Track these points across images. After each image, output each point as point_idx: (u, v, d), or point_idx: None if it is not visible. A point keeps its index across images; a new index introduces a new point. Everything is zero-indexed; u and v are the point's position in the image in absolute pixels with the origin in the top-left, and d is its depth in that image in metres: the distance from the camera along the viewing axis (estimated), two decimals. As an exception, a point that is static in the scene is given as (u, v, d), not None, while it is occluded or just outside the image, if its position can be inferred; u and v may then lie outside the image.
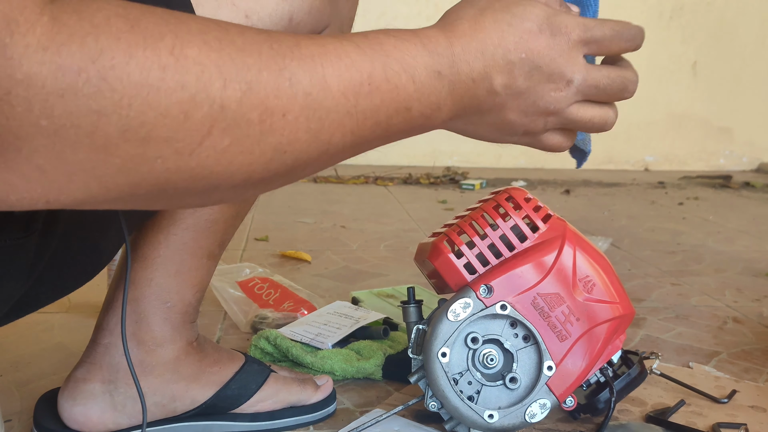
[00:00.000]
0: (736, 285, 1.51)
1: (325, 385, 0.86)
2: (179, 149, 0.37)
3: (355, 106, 0.44)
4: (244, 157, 0.40)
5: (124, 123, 0.35)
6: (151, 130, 0.36)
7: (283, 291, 1.24)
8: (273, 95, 0.40)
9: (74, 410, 0.74)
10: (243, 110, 0.38)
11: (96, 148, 0.35)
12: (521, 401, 0.73)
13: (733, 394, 0.92)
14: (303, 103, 0.41)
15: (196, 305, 0.78)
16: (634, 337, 1.16)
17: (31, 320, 1.09)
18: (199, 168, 0.39)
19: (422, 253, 0.79)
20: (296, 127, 0.41)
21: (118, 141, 0.35)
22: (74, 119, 0.34)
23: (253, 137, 0.40)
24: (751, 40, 3.80)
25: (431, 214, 2.29)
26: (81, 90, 0.33)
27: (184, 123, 0.36)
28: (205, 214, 0.73)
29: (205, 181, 0.40)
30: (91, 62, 0.33)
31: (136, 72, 0.34)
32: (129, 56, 0.34)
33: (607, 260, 0.76)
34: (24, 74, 0.32)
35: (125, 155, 0.36)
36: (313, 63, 0.42)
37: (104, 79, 0.34)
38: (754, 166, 3.91)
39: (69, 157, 0.35)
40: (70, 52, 0.33)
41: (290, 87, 0.40)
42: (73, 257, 0.62)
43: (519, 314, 0.72)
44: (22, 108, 0.33)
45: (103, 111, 0.34)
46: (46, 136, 0.34)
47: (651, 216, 2.37)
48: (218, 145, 0.38)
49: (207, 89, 0.37)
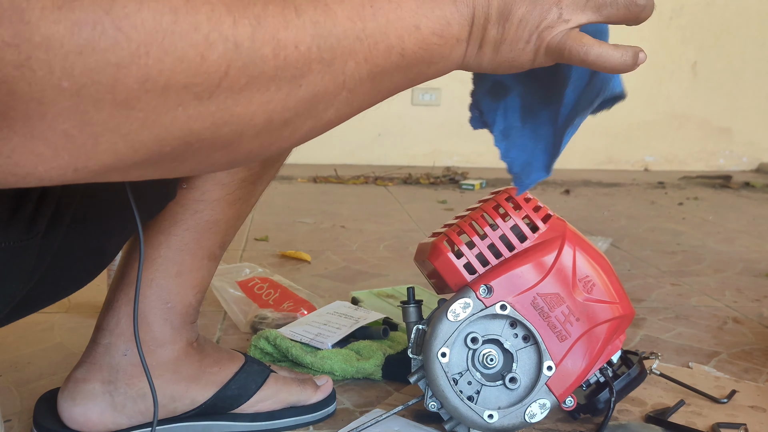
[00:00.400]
0: (736, 285, 1.51)
1: (324, 385, 0.86)
2: (198, 93, 0.37)
3: (363, 29, 0.44)
4: (262, 94, 0.40)
5: (143, 73, 0.35)
6: (170, 78, 0.36)
7: (282, 291, 1.24)
8: (282, 27, 0.40)
9: (74, 410, 0.74)
10: (256, 45, 0.38)
11: (118, 103, 0.35)
12: (521, 401, 0.73)
13: (732, 394, 0.92)
14: (312, 32, 0.41)
15: (196, 306, 0.78)
16: (634, 337, 1.16)
17: (31, 320, 1.09)
18: (220, 112, 0.39)
19: (422, 253, 0.79)
20: (309, 57, 0.41)
21: (139, 93, 0.35)
22: (95, 75, 0.34)
23: (269, 73, 0.39)
24: (751, 40, 3.81)
25: (431, 214, 2.29)
26: (98, 44, 0.33)
27: (201, 65, 0.36)
28: (206, 214, 0.74)
29: (227, 128, 0.40)
30: (104, 13, 0.33)
31: (149, 18, 0.34)
32: (140, 3, 0.34)
33: (606, 260, 0.76)
34: (42, 36, 0.32)
35: (147, 107, 0.36)
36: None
37: (119, 29, 0.34)
38: (754, 166, 3.91)
39: (93, 117, 0.35)
40: (83, 6, 0.33)
41: (297, 17, 0.40)
42: (75, 258, 0.62)
43: (519, 314, 0.72)
44: (44, 71, 0.32)
45: (122, 63, 0.34)
46: (68, 97, 0.33)
47: (651, 216, 2.37)
48: (236, 84, 0.38)
49: (219, 28, 0.37)
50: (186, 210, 0.73)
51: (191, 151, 0.40)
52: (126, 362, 0.75)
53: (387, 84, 0.47)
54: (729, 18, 3.77)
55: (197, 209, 0.73)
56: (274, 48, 0.39)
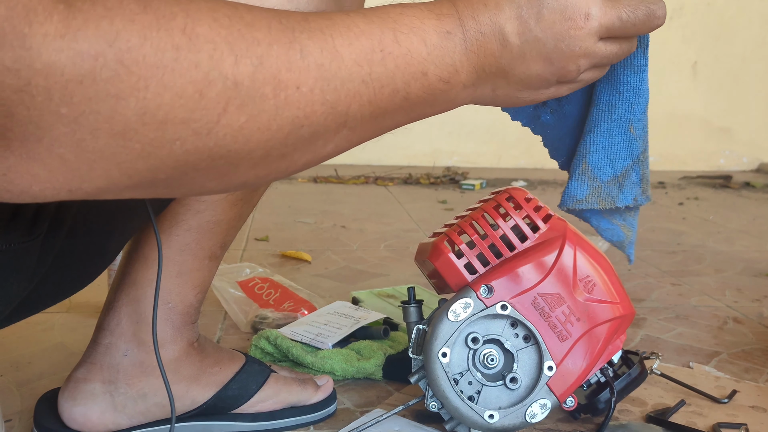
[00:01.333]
0: (736, 285, 1.51)
1: (325, 385, 0.86)
2: (197, 129, 0.37)
3: (369, 74, 0.43)
4: (262, 133, 0.40)
5: (141, 106, 0.35)
6: (169, 112, 0.36)
7: (283, 291, 1.24)
8: (285, 68, 0.40)
9: (74, 410, 0.74)
10: (256, 85, 0.38)
11: (115, 133, 0.35)
12: (522, 401, 0.73)
13: (733, 394, 0.92)
14: (316, 74, 0.41)
15: (197, 306, 0.78)
16: (635, 337, 1.16)
17: (31, 320, 1.09)
18: (218, 147, 0.39)
19: (422, 253, 0.79)
20: (311, 99, 0.41)
21: (136, 125, 0.35)
22: (93, 105, 0.34)
23: (269, 112, 0.39)
24: (751, 40, 3.81)
25: (431, 214, 2.29)
26: (99, 75, 0.33)
27: (199, 102, 0.37)
28: (207, 215, 0.74)
29: (223, 160, 0.40)
30: (107, 46, 0.33)
31: (151, 53, 0.35)
32: (143, 38, 0.34)
33: (607, 260, 0.76)
34: (43, 63, 0.32)
35: (144, 139, 0.36)
36: (323, 35, 0.42)
37: (121, 62, 0.34)
38: (754, 166, 3.91)
39: (89, 145, 0.35)
40: (86, 37, 0.33)
41: (302, 59, 0.40)
42: (76, 260, 0.62)
43: (519, 314, 0.72)
44: (42, 97, 0.33)
45: (121, 95, 0.34)
46: (66, 124, 0.34)
47: (651, 216, 2.36)
48: (235, 122, 0.38)
49: (219, 66, 0.37)
50: (187, 210, 0.73)
51: (186, 179, 0.40)
52: (127, 362, 0.75)
53: (389, 123, 0.47)
54: (729, 18, 3.77)
55: (198, 209, 0.73)
56: (275, 88, 0.39)
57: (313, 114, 0.41)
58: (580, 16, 0.50)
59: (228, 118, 0.38)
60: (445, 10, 0.48)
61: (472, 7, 0.49)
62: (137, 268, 0.75)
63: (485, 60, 0.49)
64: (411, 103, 0.47)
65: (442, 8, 0.48)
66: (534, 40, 0.50)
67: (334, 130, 0.43)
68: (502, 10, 0.49)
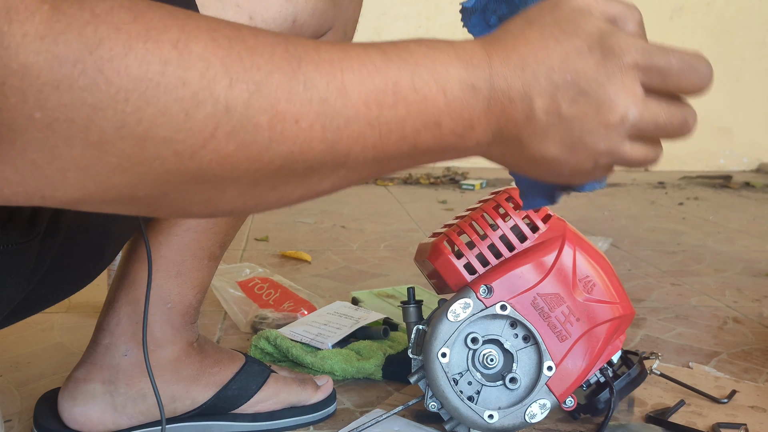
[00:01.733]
0: (736, 285, 1.51)
1: (325, 386, 0.86)
2: (179, 150, 0.35)
3: (377, 117, 0.40)
4: (251, 163, 0.37)
5: (119, 119, 0.33)
6: (149, 128, 0.34)
7: (283, 291, 1.24)
8: (284, 99, 0.37)
9: (74, 410, 0.74)
10: (251, 113, 0.36)
11: (90, 144, 0.33)
12: (521, 401, 0.73)
13: (733, 394, 0.92)
14: (319, 109, 0.38)
15: (196, 306, 0.78)
16: (634, 337, 1.16)
17: (31, 320, 1.09)
18: (201, 172, 0.36)
19: (422, 253, 0.79)
20: (310, 135, 0.38)
21: (113, 138, 0.34)
22: (68, 112, 0.32)
23: (262, 143, 0.37)
24: (751, 40, 3.81)
25: (431, 214, 2.29)
26: (76, 82, 0.32)
27: (184, 122, 0.34)
28: (206, 215, 0.73)
29: (208, 185, 0.38)
30: (88, 53, 0.32)
31: (134, 65, 0.33)
32: (128, 48, 0.33)
33: (607, 260, 0.76)
34: (20, 64, 0.31)
35: (121, 154, 0.34)
36: (332, 68, 0.38)
37: (100, 71, 0.32)
38: (754, 166, 3.91)
39: (63, 153, 0.33)
40: (67, 42, 0.32)
41: (304, 91, 0.37)
42: (75, 260, 0.62)
43: (519, 314, 0.72)
44: (17, 99, 0.31)
45: (99, 105, 0.33)
46: (39, 129, 0.32)
47: (651, 216, 2.36)
48: (222, 149, 0.36)
49: (211, 87, 0.35)
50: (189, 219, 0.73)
51: (167, 200, 0.38)
52: (126, 362, 0.75)
53: (392, 167, 0.44)
54: (729, 18, 3.77)
55: (198, 210, 0.73)
56: (271, 119, 0.36)
57: (310, 151, 0.38)
58: (615, 115, 0.44)
59: (215, 143, 0.36)
60: (477, 61, 0.43)
61: (507, 66, 0.43)
62: (136, 268, 0.75)
63: (505, 125, 0.45)
64: (418, 151, 0.43)
65: (474, 57, 0.43)
66: (560, 123, 0.44)
67: (332, 169, 0.40)
68: (538, 82, 0.44)
